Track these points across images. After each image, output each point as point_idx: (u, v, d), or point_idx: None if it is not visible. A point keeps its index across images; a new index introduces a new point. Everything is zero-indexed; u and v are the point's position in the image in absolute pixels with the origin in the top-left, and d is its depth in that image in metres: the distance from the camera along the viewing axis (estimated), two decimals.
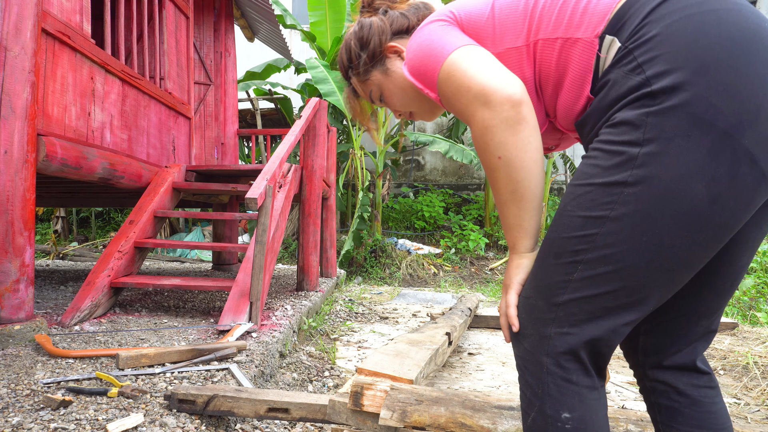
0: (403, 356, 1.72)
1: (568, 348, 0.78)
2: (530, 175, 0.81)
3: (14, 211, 2.21)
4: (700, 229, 0.71)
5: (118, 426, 1.38)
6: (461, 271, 7.60)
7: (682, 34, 0.72)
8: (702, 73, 0.70)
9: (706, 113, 0.69)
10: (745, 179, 0.70)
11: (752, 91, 0.69)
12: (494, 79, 0.81)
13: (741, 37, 0.70)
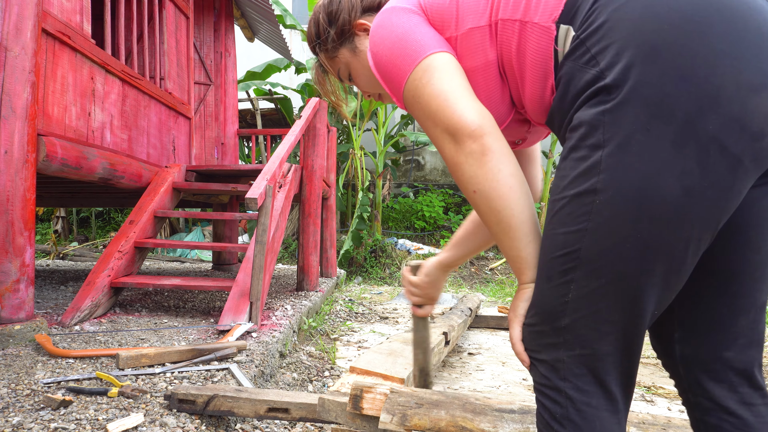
0: (397, 355, 1.72)
1: (584, 370, 0.73)
2: (509, 203, 0.77)
3: (14, 211, 2.21)
4: (680, 225, 0.66)
5: (118, 426, 1.38)
6: (461, 271, 7.60)
7: (630, 17, 0.66)
8: (652, 59, 0.64)
9: (662, 103, 0.64)
10: (718, 167, 0.64)
11: (710, 72, 0.62)
12: (456, 111, 0.78)
13: (693, 12, 0.63)
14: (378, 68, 0.88)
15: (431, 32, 0.85)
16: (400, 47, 0.84)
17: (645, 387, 2.35)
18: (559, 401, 0.75)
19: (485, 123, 0.78)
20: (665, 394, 2.26)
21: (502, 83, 0.86)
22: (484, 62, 0.84)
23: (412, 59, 0.83)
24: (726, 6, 0.64)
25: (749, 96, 0.62)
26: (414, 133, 7.45)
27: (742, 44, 0.63)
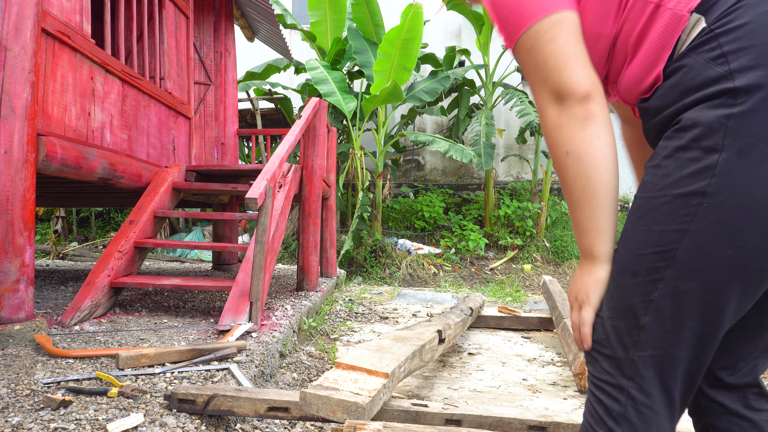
0: (384, 351, 1.72)
1: (652, 372, 0.73)
2: (601, 169, 0.76)
3: (14, 211, 2.21)
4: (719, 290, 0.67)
5: (118, 426, 1.38)
6: (461, 271, 7.60)
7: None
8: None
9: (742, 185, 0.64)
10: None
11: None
12: (571, 76, 0.76)
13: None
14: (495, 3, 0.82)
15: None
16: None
17: None
18: (619, 399, 0.74)
19: (595, 91, 0.77)
20: None
21: (606, 59, 0.85)
22: (598, 33, 0.82)
23: (542, 8, 0.78)
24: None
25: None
26: (414, 133, 7.45)
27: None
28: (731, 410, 0.81)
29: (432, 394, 2.23)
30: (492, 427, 1.47)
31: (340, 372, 1.52)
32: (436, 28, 10.59)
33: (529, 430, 1.47)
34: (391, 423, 1.34)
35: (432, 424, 1.47)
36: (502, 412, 1.51)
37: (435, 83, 7.71)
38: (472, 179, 10.52)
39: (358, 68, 8.24)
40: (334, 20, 7.62)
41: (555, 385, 2.40)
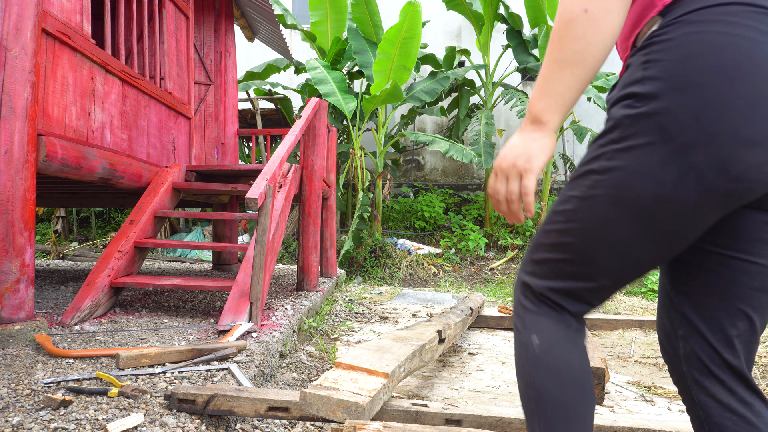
0: (384, 351, 1.72)
1: (539, 293, 0.91)
2: (604, 45, 0.78)
3: (14, 211, 2.21)
4: (643, 222, 0.79)
5: (118, 426, 1.38)
6: (461, 271, 7.61)
7: (689, 48, 0.75)
8: (681, 90, 0.74)
9: (670, 127, 0.75)
10: (689, 191, 0.76)
11: (718, 119, 0.73)
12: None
13: (734, 71, 0.73)
14: None
15: None
16: None
17: (645, 387, 2.35)
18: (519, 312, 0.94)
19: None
20: (665, 394, 2.26)
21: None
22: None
23: None
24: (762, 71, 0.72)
25: (741, 148, 0.73)
26: (414, 133, 7.45)
27: (757, 106, 0.72)
28: (724, 404, 0.85)
29: (432, 394, 2.23)
30: (492, 427, 1.47)
31: (340, 372, 1.52)
32: (436, 28, 10.59)
33: None
34: (391, 423, 1.34)
35: (432, 424, 1.47)
36: (502, 412, 1.51)
37: (435, 83, 7.70)
38: (472, 179, 10.52)
39: (358, 68, 8.24)
40: (334, 20, 7.62)
41: None
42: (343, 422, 1.32)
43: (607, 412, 2.04)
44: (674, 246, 0.83)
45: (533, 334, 0.90)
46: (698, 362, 0.89)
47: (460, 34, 10.67)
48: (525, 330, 0.92)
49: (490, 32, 8.50)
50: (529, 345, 0.91)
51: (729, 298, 0.86)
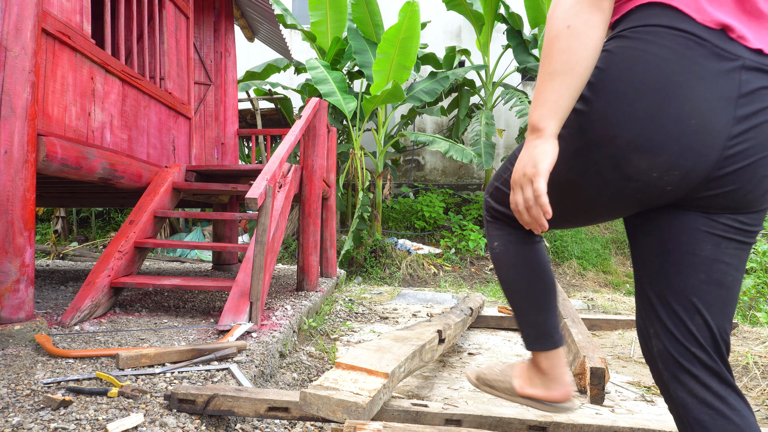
0: (384, 351, 1.72)
1: (495, 211, 1.15)
2: (587, 52, 0.86)
3: (14, 211, 2.21)
4: (560, 192, 0.97)
5: (118, 426, 1.38)
6: (461, 271, 7.61)
7: (613, 59, 0.88)
8: (597, 95, 0.88)
9: (583, 124, 0.90)
10: (592, 179, 0.92)
11: (619, 125, 0.86)
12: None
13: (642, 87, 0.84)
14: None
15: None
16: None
17: (645, 387, 2.35)
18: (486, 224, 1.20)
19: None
20: None
21: None
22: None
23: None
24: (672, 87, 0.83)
25: (632, 152, 0.86)
26: (414, 133, 7.45)
27: (652, 119, 0.84)
28: (700, 398, 0.90)
29: (432, 394, 2.23)
30: (492, 427, 1.47)
31: (340, 372, 1.52)
32: (436, 28, 10.59)
33: (529, 430, 1.47)
34: (391, 423, 1.34)
35: (432, 424, 1.47)
36: (502, 412, 1.51)
37: (435, 83, 7.70)
38: (472, 179, 10.52)
39: (358, 68, 8.24)
40: (334, 20, 7.62)
41: None
42: (343, 422, 1.32)
43: (607, 412, 2.04)
44: (593, 215, 1.01)
45: (494, 242, 1.15)
46: (671, 359, 0.93)
47: (460, 34, 10.67)
48: (489, 237, 1.17)
49: (490, 32, 8.50)
50: (492, 249, 1.16)
51: (681, 291, 0.92)
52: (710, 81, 0.81)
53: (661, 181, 0.86)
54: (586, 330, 2.78)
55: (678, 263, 0.92)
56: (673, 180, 0.86)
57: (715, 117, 0.81)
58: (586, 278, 7.83)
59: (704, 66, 0.81)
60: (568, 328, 2.79)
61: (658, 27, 0.85)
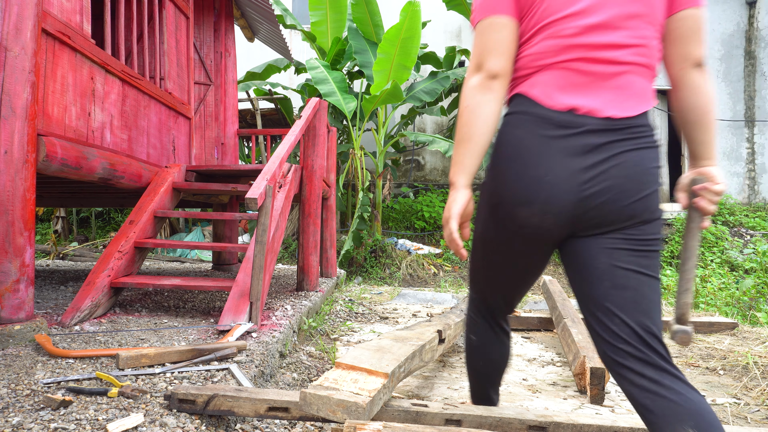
0: (384, 351, 1.72)
1: (474, 302, 1.47)
2: (480, 124, 1.16)
3: (14, 211, 2.21)
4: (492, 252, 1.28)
5: (118, 426, 1.38)
6: (461, 271, 7.60)
7: (500, 142, 1.18)
8: (489, 169, 1.21)
9: (485, 192, 1.24)
10: (500, 232, 1.21)
11: (503, 189, 1.17)
12: (489, 57, 1.16)
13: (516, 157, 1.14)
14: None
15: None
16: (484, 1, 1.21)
17: None
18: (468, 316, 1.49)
19: (502, 75, 1.17)
20: None
21: None
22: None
23: (487, 11, 1.18)
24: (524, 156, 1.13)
25: (515, 206, 1.15)
26: (414, 133, 7.45)
27: (521, 180, 1.13)
28: (640, 386, 1.06)
29: (432, 394, 2.23)
30: (492, 427, 1.47)
31: (340, 372, 1.52)
32: (436, 28, 10.59)
33: (529, 430, 1.47)
34: (391, 423, 1.34)
35: (432, 424, 1.47)
36: (502, 412, 1.51)
37: (435, 83, 7.70)
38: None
39: (358, 68, 8.24)
40: (334, 20, 7.61)
41: (555, 385, 2.40)
42: (343, 422, 1.32)
43: (607, 412, 2.04)
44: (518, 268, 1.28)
45: (471, 334, 1.47)
46: (608, 359, 1.12)
47: (460, 34, 10.66)
48: (467, 329, 1.50)
49: None
50: (469, 339, 1.48)
51: (597, 300, 1.13)
52: (558, 146, 1.10)
53: (543, 223, 1.13)
54: (586, 330, 2.78)
55: (587, 278, 1.14)
56: (550, 221, 1.13)
57: (566, 172, 1.09)
58: None
59: (552, 137, 1.11)
60: (568, 328, 2.79)
61: (518, 114, 1.16)
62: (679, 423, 1.01)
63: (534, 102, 1.14)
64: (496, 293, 1.36)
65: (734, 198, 10.58)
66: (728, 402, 2.17)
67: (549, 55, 1.13)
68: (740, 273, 7.02)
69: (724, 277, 6.47)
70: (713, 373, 2.59)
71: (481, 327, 1.43)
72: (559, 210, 1.11)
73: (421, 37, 7.00)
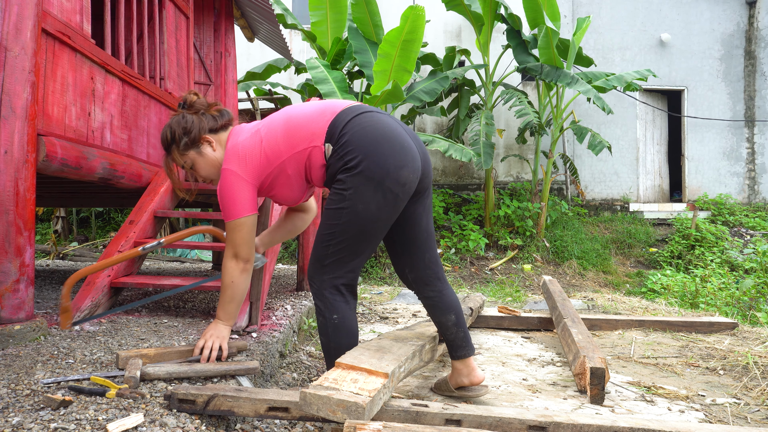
0: (385, 351, 1.72)
1: (332, 284, 1.75)
2: (240, 292, 1.90)
3: (14, 211, 2.21)
4: (375, 221, 1.69)
5: (118, 426, 1.38)
6: (461, 271, 7.61)
7: (359, 137, 1.67)
8: (366, 155, 1.65)
9: (369, 173, 1.64)
10: (389, 199, 1.68)
11: (384, 161, 1.65)
12: (243, 249, 1.83)
13: (383, 138, 1.67)
14: (221, 197, 1.80)
15: (249, 195, 1.79)
16: (234, 198, 1.78)
17: (645, 387, 2.35)
18: (322, 299, 1.75)
19: (251, 259, 1.88)
20: (665, 394, 2.26)
21: (306, 180, 1.84)
22: (293, 173, 1.79)
23: (237, 212, 1.80)
24: (387, 132, 1.70)
25: (397, 170, 1.66)
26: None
27: (394, 147, 1.67)
28: (426, 296, 1.98)
29: (432, 394, 2.23)
30: (492, 427, 1.47)
31: (340, 372, 1.52)
32: (436, 28, 10.59)
33: (529, 430, 1.47)
34: (391, 423, 1.34)
35: (432, 424, 1.47)
36: (502, 412, 1.51)
37: (435, 83, 7.70)
38: (472, 179, 10.52)
39: (358, 68, 8.23)
40: (334, 20, 7.61)
41: (555, 385, 2.40)
42: (343, 422, 1.32)
43: (607, 412, 2.04)
44: (389, 225, 1.75)
45: (333, 314, 1.73)
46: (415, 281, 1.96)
47: (460, 34, 10.66)
48: (327, 310, 1.74)
49: (490, 32, 8.50)
50: (330, 320, 1.74)
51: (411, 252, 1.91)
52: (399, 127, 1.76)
53: (414, 179, 1.72)
54: (586, 330, 2.78)
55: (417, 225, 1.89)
56: (417, 176, 1.72)
57: (407, 139, 1.73)
58: (586, 278, 7.83)
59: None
60: (568, 328, 2.79)
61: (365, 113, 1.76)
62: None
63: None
64: (363, 262, 1.76)
65: (734, 198, 10.59)
66: (728, 402, 2.17)
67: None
68: (740, 273, 7.02)
69: (724, 277, 6.48)
70: (713, 373, 2.59)
71: (341, 305, 1.73)
72: (420, 168, 1.76)
73: (422, 40, 6.99)
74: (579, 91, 7.54)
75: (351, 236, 1.67)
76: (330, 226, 1.69)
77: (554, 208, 9.16)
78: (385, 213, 1.66)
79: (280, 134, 1.74)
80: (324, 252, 1.71)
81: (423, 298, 1.96)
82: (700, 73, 10.72)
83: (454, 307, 1.96)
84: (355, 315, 1.76)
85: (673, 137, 11.32)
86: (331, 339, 1.73)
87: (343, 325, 1.71)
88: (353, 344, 1.74)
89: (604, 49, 10.64)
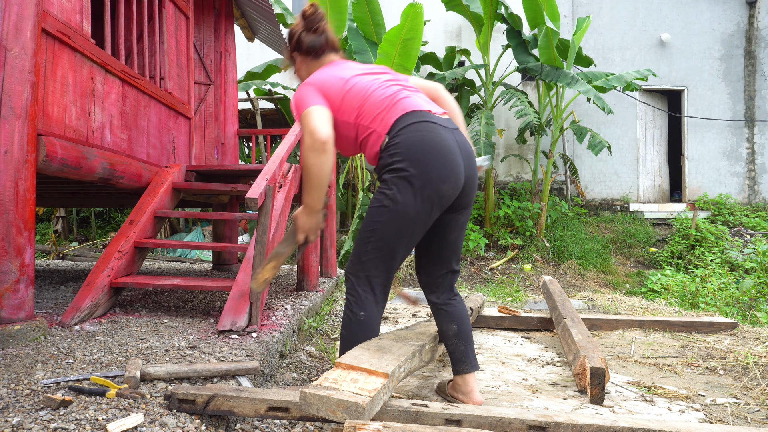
0: (385, 351, 1.71)
1: (368, 281, 1.79)
2: (322, 176, 1.73)
3: (14, 211, 2.21)
4: (411, 225, 1.75)
5: (118, 426, 1.38)
6: (461, 271, 7.60)
7: (410, 143, 1.73)
8: (412, 162, 1.72)
9: (411, 178, 1.71)
10: (426, 206, 1.74)
11: (427, 171, 1.72)
12: (318, 127, 1.72)
13: (433, 149, 1.73)
14: (295, 102, 1.84)
15: (318, 99, 1.81)
16: (304, 98, 1.81)
17: (645, 387, 2.35)
18: (354, 296, 1.79)
19: (329, 140, 1.72)
20: (665, 394, 2.26)
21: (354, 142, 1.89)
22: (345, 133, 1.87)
23: (306, 104, 1.79)
24: (438, 145, 1.74)
25: (440, 183, 1.73)
26: None
27: (440, 161, 1.73)
28: (437, 303, 2.00)
29: (432, 394, 2.23)
30: (492, 427, 1.47)
31: (340, 372, 1.52)
32: (436, 28, 10.58)
33: (529, 430, 1.47)
34: (391, 423, 1.34)
35: (432, 424, 1.47)
36: (502, 412, 1.51)
37: None
38: None
39: None
40: (334, 20, 7.60)
41: (555, 385, 2.40)
42: (343, 422, 1.32)
43: (607, 412, 2.04)
44: (424, 231, 1.81)
45: (360, 311, 1.78)
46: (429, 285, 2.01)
47: (460, 34, 10.66)
48: (356, 306, 1.78)
49: (490, 32, 8.50)
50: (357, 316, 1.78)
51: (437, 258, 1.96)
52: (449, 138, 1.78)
53: (453, 195, 1.79)
54: (586, 330, 2.78)
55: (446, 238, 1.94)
56: (456, 192, 1.79)
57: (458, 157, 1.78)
58: (586, 278, 7.83)
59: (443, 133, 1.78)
60: (568, 328, 2.79)
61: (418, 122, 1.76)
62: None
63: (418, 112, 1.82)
64: (398, 264, 1.82)
65: (734, 198, 10.59)
66: (728, 402, 2.17)
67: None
68: (740, 273, 7.02)
69: (724, 277, 6.47)
70: (713, 373, 2.59)
71: (371, 304, 1.77)
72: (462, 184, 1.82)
73: (422, 38, 6.99)
74: (579, 91, 7.54)
75: (390, 234, 1.73)
76: (371, 223, 1.76)
77: (554, 208, 9.16)
78: (421, 218, 1.73)
79: (357, 101, 1.82)
80: (363, 248, 1.77)
81: (429, 302, 2.01)
82: (700, 73, 10.71)
83: (457, 319, 1.97)
84: (380, 317, 1.80)
85: (673, 137, 11.32)
86: (351, 334, 1.76)
87: (366, 324, 1.76)
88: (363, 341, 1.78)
89: (604, 49, 10.64)
